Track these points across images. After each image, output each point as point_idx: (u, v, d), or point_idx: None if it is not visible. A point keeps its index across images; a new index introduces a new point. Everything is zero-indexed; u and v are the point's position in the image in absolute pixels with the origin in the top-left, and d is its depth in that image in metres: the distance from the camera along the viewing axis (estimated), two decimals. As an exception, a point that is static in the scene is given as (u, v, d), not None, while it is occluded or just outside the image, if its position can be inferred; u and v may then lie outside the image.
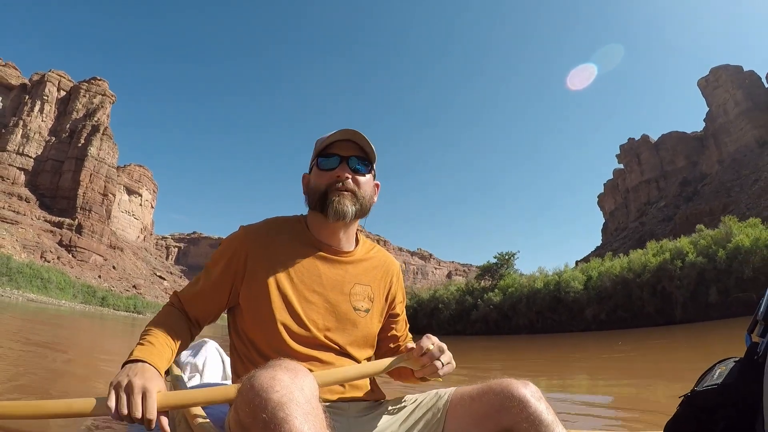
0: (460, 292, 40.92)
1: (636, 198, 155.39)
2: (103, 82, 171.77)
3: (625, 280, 27.64)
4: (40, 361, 6.53)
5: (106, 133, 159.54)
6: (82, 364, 7.28)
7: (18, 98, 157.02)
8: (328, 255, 1.61)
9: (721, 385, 1.45)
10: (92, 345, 12.24)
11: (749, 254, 23.15)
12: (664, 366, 9.52)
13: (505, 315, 34.83)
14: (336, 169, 1.56)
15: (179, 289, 1.67)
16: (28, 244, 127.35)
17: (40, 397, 3.68)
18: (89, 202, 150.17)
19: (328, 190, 1.55)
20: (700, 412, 1.48)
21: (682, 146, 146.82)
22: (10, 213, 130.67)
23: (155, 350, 1.35)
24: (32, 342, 9.51)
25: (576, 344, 18.93)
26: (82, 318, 33.04)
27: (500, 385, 1.37)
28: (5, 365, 5.52)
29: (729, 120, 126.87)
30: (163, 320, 1.52)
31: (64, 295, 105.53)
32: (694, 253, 25.35)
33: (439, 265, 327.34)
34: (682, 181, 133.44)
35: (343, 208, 1.53)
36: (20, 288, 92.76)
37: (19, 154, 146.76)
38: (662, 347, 14.48)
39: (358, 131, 1.57)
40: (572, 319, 29.62)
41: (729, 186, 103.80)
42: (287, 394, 1.01)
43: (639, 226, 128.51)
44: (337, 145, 1.59)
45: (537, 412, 1.29)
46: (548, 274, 35.34)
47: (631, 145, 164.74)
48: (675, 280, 25.25)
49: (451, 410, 1.45)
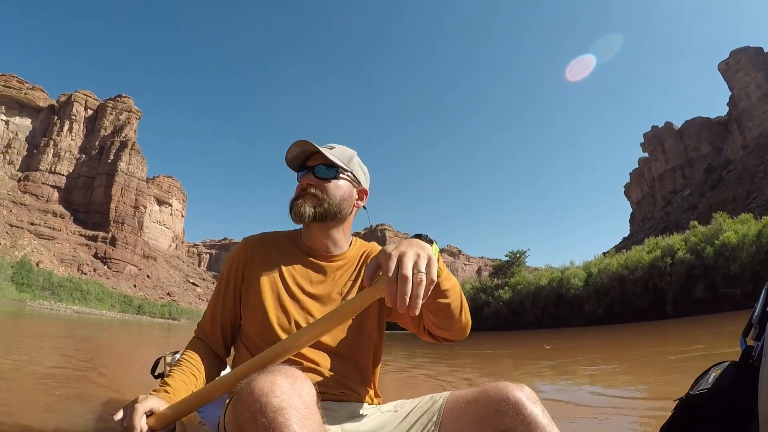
0: (475, 290, 41.75)
1: (662, 187, 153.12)
2: (128, 98, 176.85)
3: (621, 277, 28.36)
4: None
5: (134, 148, 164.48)
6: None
7: (47, 119, 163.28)
8: (317, 261, 1.68)
9: (716, 389, 1.45)
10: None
11: (736, 250, 23.49)
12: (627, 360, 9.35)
13: (514, 311, 35.76)
14: (302, 179, 1.66)
15: (211, 294, 1.77)
16: (65, 258, 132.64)
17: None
18: (121, 215, 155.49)
19: (296, 197, 1.64)
20: (695, 415, 1.48)
21: (707, 132, 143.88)
22: (47, 229, 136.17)
23: (170, 389, 1.38)
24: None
25: (554, 338, 19.02)
26: (129, 325, 34.57)
27: (496, 388, 1.34)
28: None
29: (752, 103, 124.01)
30: (185, 358, 1.55)
31: (103, 305, 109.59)
32: (683, 250, 25.94)
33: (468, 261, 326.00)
34: (707, 168, 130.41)
35: (300, 209, 1.59)
36: (62, 301, 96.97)
37: (51, 173, 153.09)
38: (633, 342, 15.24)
39: (308, 141, 1.63)
40: (574, 315, 30.41)
41: (753, 172, 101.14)
42: (287, 399, 1.01)
43: (664, 215, 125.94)
44: (311, 158, 1.69)
45: (533, 415, 1.27)
46: (553, 271, 36.22)
47: (655, 133, 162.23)
48: (665, 276, 25.91)
49: (446, 414, 1.43)
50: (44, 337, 12.63)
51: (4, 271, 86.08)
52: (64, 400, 3.95)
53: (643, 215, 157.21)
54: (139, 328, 34.23)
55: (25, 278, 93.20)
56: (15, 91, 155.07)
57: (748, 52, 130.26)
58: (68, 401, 3.91)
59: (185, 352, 1.59)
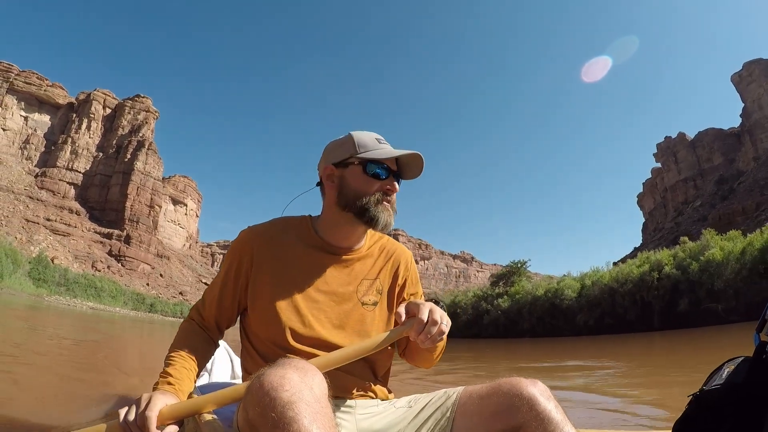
0: (476, 298, 42.43)
1: (674, 197, 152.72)
2: (146, 99, 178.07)
3: (612, 289, 29.07)
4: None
5: (151, 148, 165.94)
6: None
7: (66, 116, 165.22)
8: (334, 255, 1.61)
9: (729, 384, 1.46)
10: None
11: (721, 267, 24.02)
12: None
13: (512, 320, 36.37)
14: (387, 180, 1.56)
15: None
16: (80, 255, 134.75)
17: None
18: (136, 213, 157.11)
19: (374, 198, 1.54)
20: (708, 411, 1.48)
21: (719, 143, 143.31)
22: (62, 226, 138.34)
23: (174, 380, 1.36)
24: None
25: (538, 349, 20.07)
26: (142, 323, 35.51)
27: (509, 383, 1.33)
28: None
29: (764, 115, 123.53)
30: (181, 342, 1.52)
31: (116, 302, 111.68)
32: (671, 266, 26.65)
33: (481, 267, 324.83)
34: (719, 180, 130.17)
35: (390, 220, 1.55)
36: (77, 297, 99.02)
37: (68, 170, 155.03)
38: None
39: (421, 155, 1.57)
40: (567, 325, 31.10)
41: (763, 184, 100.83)
42: (296, 393, 1.00)
43: (675, 226, 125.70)
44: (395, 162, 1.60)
45: (546, 411, 1.26)
46: (550, 282, 37.04)
47: (668, 144, 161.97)
48: (653, 290, 26.64)
49: (460, 409, 1.41)
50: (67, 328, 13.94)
51: (22, 267, 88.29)
52: (88, 388, 4.58)
53: (655, 225, 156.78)
54: (151, 326, 35.20)
55: (42, 274, 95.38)
56: (35, 87, 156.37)
57: (761, 64, 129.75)
58: (90, 389, 4.55)
59: (181, 335, 1.58)
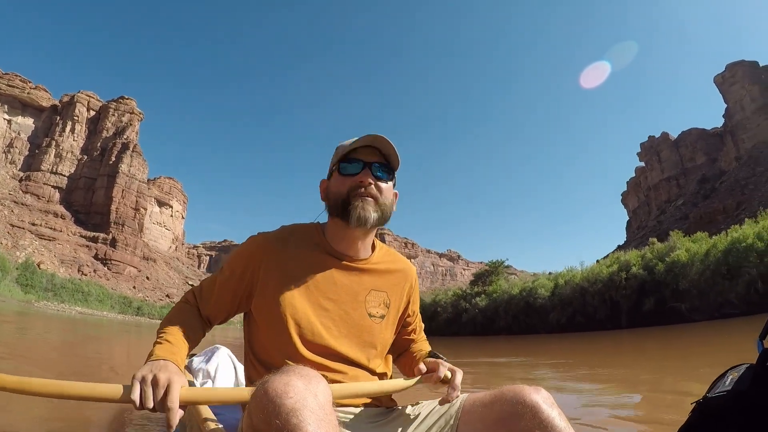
0: (456, 297, 42.80)
1: (656, 196, 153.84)
2: (130, 100, 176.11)
3: (583, 289, 29.57)
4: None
5: (135, 150, 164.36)
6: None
7: (49, 119, 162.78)
8: (343, 262, 1.59)
9: (733, 392, 1.45)
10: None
11: (686, 268, 24.45)
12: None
13: (489, 318, 36.78)
14: (358, 175, 1.54)
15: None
16: (66, 259, 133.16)
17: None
18: (122, 216, 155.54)
19: (349, 195, 1.53)
20: (711, 418, 1.48)
21: (702, 143, 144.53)
22: (48, 230, 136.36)
23: (174, 348, 1.34)
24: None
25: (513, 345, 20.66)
26: (129, 326, 35.54)
27: (512, 391, 1.33)
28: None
29: (746, 116, 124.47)
30: (177, 318, 1.50)
31: (103, 306, 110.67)
32: (638, 266, 27.15)
33: (467, 265, 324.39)
34: (701, 179, 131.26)
35: (365, 214, 1.51)
36: (65, 302, 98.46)
37: (53, 173, 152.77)
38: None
39: (384, 137, 1.54)
40: (540, 323, 31.55)
41: (744, 184, 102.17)
42: (301, 400, 0.99)
43: (657, 224, 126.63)
44: (360, 151, 1.57)
45: (549, 418, 1.26)
46: (525, 281, 37.60)
47: (652, 143, 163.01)
48: (621, 290, 27.08)
49: (463, 417, 1.42)
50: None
51: (9, 273, 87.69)
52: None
53: (639, 223, 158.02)
54: (138, 329, 35.29)
55: (30, 279, 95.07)
56: (18, 90, 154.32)
57: (744, 66, 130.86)
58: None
59: (178, 312, 1.56)
